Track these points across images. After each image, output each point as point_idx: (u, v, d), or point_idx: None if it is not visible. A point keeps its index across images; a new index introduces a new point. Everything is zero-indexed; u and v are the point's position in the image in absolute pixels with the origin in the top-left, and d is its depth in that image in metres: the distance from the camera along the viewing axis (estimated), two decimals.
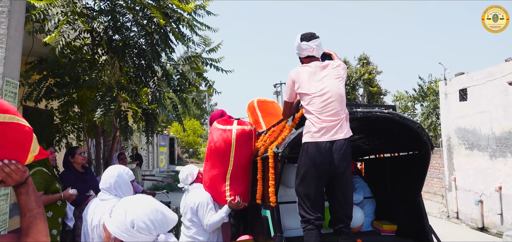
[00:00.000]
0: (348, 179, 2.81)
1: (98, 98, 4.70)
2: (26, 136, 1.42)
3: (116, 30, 5.30)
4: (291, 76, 2.92)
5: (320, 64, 2.90)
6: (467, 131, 10.68)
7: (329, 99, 2.74)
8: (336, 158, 2.69)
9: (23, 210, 1.45)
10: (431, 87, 19.12)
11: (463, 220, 10.87)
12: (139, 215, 1.38)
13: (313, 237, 2.76)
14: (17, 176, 1.40)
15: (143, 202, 1.45)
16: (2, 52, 2.53)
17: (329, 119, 2.71)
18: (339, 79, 2.85)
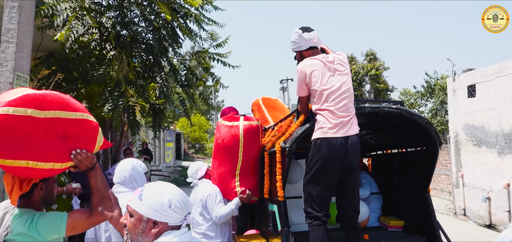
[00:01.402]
0: (358, 175, 2.83)
1: (106, 93, 4.74)
2: (93, 129, 1.77)
3: (124, 26, 5.33)
4: (303, 70, 2.83)
5: (326, 57, 2.86)
6: (475, 128, 10.59)
7: (343, 95, 2.73)
8: (350, 154, 2.68)
9: (93, 190, 1.85)
10: (438, 83, 18.97)
11: (470, 217, 10.80)
12: (174, 195, 1.45)
13: (320, 233, 2.75)
14: (87, 162, 1.78)
15: (172, 186, 1.54)
16: (13, 47, 2.56)
17: (343, 114, 2.69)
18: (348, 74, 2.83)
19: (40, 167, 1.68)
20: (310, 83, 2.81)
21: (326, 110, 2.72)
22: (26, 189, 1.82)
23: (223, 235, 3.48)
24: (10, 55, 2.54)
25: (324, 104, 2.73)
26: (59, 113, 1.67)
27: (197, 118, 33.01)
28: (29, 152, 1.59)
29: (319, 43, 2.97)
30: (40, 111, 1.63)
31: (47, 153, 1.68)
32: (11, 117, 1.58)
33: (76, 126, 1.72)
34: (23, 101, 1.61)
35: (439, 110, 18.47)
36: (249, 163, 3.46)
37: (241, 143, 3.38)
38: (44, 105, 1.65)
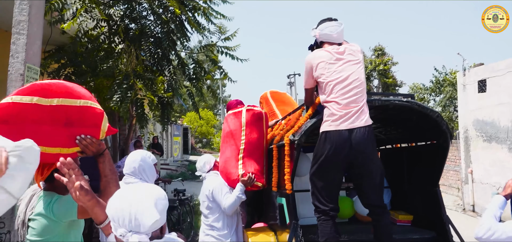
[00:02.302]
0: (372, 168, 2.71)
1: (115, 86, 4.76)
2: (97, 116, 1.85)
3: (133, 19, 5.35)
4: (310, 62, 2.82)
5: (337, 48, 2.82)
6: (486, 123, 10.47)
7: (350, 86, 2.68)
8: (355, 147, 2.62)
9: (101, 176, 1.92)
10: (447, 78, 18.77)
11: (479, 213, 10.70)
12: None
13: (328, 227, 2.73)
14: (93, 148, 1.85)
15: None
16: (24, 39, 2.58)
17: (350, 106, 2.65)
18: (359, 65, 2.77)
19: (48, 152, 1.79)
20: (316, 75, 2.78)
21: (332, 102, 2.69)
22: (47, 174, 1.97)
23: (229, 227, 3.50)
24: (21, 46, 2.57)
25: (330, 96, 2.70)
26: (63, 101, 1.78)
27: (204, 112, 33.11)
28: (37, 137, 1.66)
29: (340, 37, 2.89)
30: (45, 99, 1.75)
31: (53, 139, 1.80)
32: (19, 105, 1.72)
33: (80, 112, 1.81)
34: (30, 90, 1.75)
35: (448, 106, 18.29)
36: (252, 148, 3.50)
37: (244, 127, 3.46)
38: (49, 93, 1.76)
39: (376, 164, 2.77)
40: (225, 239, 3.44)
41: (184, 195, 7.52)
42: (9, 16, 2.92)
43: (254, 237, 3.39)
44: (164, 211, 1.39)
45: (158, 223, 1.34)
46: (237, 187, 3.40)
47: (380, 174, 2.79)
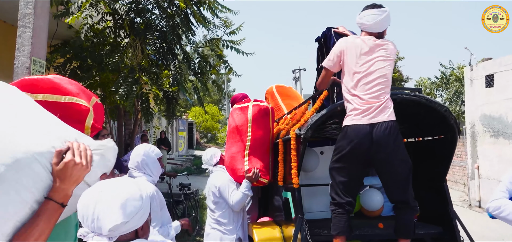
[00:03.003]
0: (395, 163, 2.67)
1: (120, 80, 4.76)
2: (82, 113, 1.81)
3: (138, 13, 5.34)
4: (341, 45, 2.77)
5: (374, 41, 2.77)
6: (493, 118, 10.37)
7: (374, 81, 2.66)
8: (377, 142, 2.60)
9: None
10: (454, 73, 18.61)
11: (486, 209, 10.63)
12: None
13: (342, 221, 2.73)
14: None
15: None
16: (29, 32, 2.58)
17: (372, 100, 2.64)
18: (389, 62, 2.74)
19: None
20: (343, 61, 2.75)
21: (355, 96, 2.68)
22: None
23: (235, 222, 3.51)
24: (27, 39, 2.57)
25: (354, 89, 2.68)
26: (48, 96, 1.77)
27: (209, 107, 33.14)
28: None
29: (378, 26, 2.81)
30: (32, 94, 1.74)
31: None
32: None
33: (65, 109, 1.79)
34: (19, 85, 1.73)
35: (454, 101, 18.14)
36: (258, 144, 3.49)
37: (250, 123, 3.44)
38: (35, 88, 1.76)
39: (401, 159, 2.70)
40: (231, 233, 3.45)
41: (190, 190, 7.55)
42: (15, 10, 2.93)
43: (260, 231, 3.39)
44: (136, 213, 1.26)
45: (123, 227, 1.22)
46: (243, 184, 3.40)
47: (406, 169, 2.73)
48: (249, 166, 3.43)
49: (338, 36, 3.28)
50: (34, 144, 1.23)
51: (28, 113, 1.39)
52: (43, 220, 1.23)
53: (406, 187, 2.75)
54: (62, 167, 1.24)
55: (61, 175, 1.25)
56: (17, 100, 1.45)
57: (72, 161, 1.25)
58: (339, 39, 3.24)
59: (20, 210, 1.18)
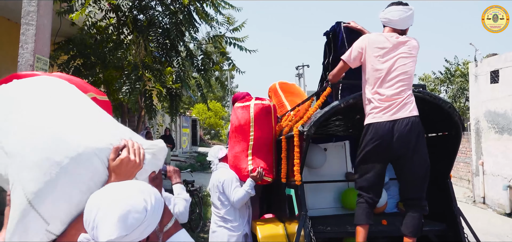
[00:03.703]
0: (415, 160, 2.67)
1: (123, 77, 4.77)
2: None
3: (141, 10, 5.34)
4: (363, 42, 2.77)
5: (397, 38, 2.77)
6: (498, 114, 10.30)
7: (396, 78, 2.67)
8: (398, 139, 2.61)
9: None
10: (459, 69, 18.49)
11: (490, 206, 10.59)
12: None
13: (362, 210, 2.80)
14: None
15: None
16: (33, 29, 2.59)
17: (393, 98, 2.64)
18: (412, 59, 2.74)
19: None
20: (364, 59, 2.75)
21: (376, 93, 2.69)
22: None
23: (242, 218, 3.51)
24: (30, 37, 2.57)
25: (374, 88, 2.69)
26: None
27: (213, 104, 33.14)
28: None
29: (403, 23, 2.83)
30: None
31: None
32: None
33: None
34: (6, 81, 1.68)
35: (458, 97, 18.04)
36: (261, 143, 3.48)
37: (252, 122, 3.43)
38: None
39: (421, 157, 2.69)
40: (237, 230, 3.46)
41: (193, 186, 7.57)
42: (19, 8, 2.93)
43: (263, 228, 3.39)
44: (137, 227, 1.15)
45: (120, 241, 1.12)
46: (247, 182, 3.40)
47: (424, 168, 2.73)
48: (253, 165, 3.42)
49: (348, 32, 3.26)
50: (94, 140, 1.29)
51: (86, 110, 1.45)
52: None
53: (422, 186, 2.75)
54: (118, 163, 1.30)
55: (116, 171, 1.30)
56: (75, 96, 1.51)
57: (127, 158, 1.32)
58: (349, 34, 3.23)
59: (80, 201, 1.23)
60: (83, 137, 1.28)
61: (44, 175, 1.18)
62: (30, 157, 1.21)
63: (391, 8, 2.86)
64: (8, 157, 1.25)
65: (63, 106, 1.40)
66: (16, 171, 1.21)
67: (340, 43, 3.29)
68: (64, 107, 1.40)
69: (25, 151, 1.22)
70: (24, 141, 1.24)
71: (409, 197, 2.77)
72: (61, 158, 1.21)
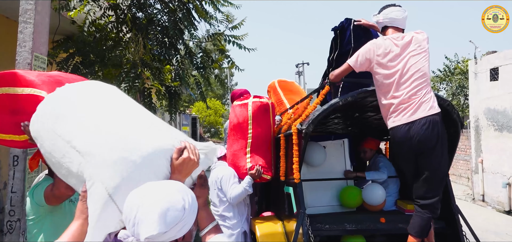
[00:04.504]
0: (432, 160, 2.65)
1: (122, 75, 4.76)
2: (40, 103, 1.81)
3: (140, 7, 5.32)
4: (370, 53, 2.76)
5: (402, 38, 2.76)
6: (497, 112, 10.30)
7: (410, 79, 2.65)
8: (417, 140, 2.60)
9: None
10: (458, 66, 18.48)
11: (489, 203, 10.60)
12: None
13: (415, 220, 2.78)
14: None
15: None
16: (31, 27, 2.58)
17: (411, 99, 2.64)
18: (423, 54, 2.72)
19: (3, 138, 1.93)
20: (373, 66, 2.76)
21: (393, 98, 2.69)
22: (33, 163, 2.13)
23: (240, 216, 3.51)
24: (28, 35, 2.57)
25: (390, 93, 2.70)
26: (7, 89, 1.85)
27: (212, 102, 33.13)
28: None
29: (404, 23, 2.89)
30: None
31: (4, 126, 1.91)
32: None
33: (24, 101, 1.84)
34: (8, 76, 1.84)
35: (458, 94, 18.03)
36: (260, 141, 3.48)
37: (251, 120, 3.43)
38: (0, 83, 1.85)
39: (438, 156, 2.67)
40: (236, 228, 3.46)
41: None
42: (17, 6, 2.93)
43: (262, 226, 3.39)
44: (176, 224, 1.21)
45: (160, 237, 1.18)
46: (245, 179, 3.40)
47: (440, 169, 2.70)
48: (251, 163, 3.43)
49: (356, 30, 3.24)
50: (159, 142, 1.47)
51: (142, 113, 1.64)
52: None
53: (436, 187, 2.72)
54: (181, 162, 1.45)
55: (178, 168, 1.45)
56: (128, 100, 1.69)
57: (188, 158, 1.47)
58: (357, 32, 3.22)
59: None
60: (150, 139, 1.46)
61: (121, 172, 1.34)
62: (109, 157, 1.36)
63: (391, 9, 2.87)
64: (81, 156, 1.41)
65: (124, 109, 1.58)
66: (95, 169, 1.36)
67: (347, 40, 3.28)
68: (125, 110, 1.59)
69: (102, 151, 1.38)
70: (99, 142, 1.40)
71: (422, 197, 2.74)
72: (136, 158, 1.37)
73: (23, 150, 2.80)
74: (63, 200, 2.07)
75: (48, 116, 1.55)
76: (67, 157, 1.45)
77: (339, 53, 3.34)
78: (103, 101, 1.59)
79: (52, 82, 1.89)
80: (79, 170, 1.42)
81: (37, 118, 1.61)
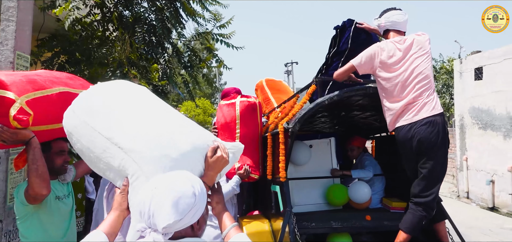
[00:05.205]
0: (432, 159, 2.69)
1: (109, 73, 4.72)
2: (5, 105, 1.86)
3: (126, 6, 5.28)
4: (373, 57, 2.79)
5: (404, 42, 2.80)
6: (481, 111, 10.50)
7: (414, 81, 2.69)
8: (417, 139, 2.65)
9: (28, 164, 2.01)
10: (444, 66, 18.78)
11: (474, 200, 10.81)
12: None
13: (410, 219, 2.81)
14: (5, 136, 1.92)
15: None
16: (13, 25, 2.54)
17: (412, 100, 2.68)
18: (425, 56, 2.76)
19: None
20: (377, 70, 2.79)
21: (397, 101, 2.73)
22: (19, 162, 2.16)
23: None
24: (10, 33, 2.53)
25: (394, 96, 2.74)
26: None
27: (201, 101, 32.98)
28: None
29: (405, 26, 2.94)
30: None
31: None
32: None
33: None
34: None
35: (443, 93, 18.31)
36: (247, 140, 3.48)
37: (238, 120, 3.43)
38: None
39: (438, 156, 2.71)
40: None
41: None
42: None
43: (248, 225, 3.40)
44: (189, 211, 1.29)
45: (176, 225, 1.27)
46: (233, 178, 3.40)
47: (438, 168, 2.75)
48: (239, 163, 3.43)
49: (356, 32, 3.27)
50: (195, 140, 1.60)
51: (175, 112, 1.74)
52: None
53: (433, 186, 2.76)
54: (215, 160, 1.60)
55: (212, 165, 1.60)
56: (159, 100, 1.78)
57: (221, 156, 1.62)
58: (356, 34, 3.25)
59: None
60: (187, 137, 1.58)
61: (163, 168, 1.45)
62: (151, 153, 1.48)
63: (393, 12, 2.92)
64: (124, 152, 1.50)
65: (158, 108, 1.69)
66: (138, 164, 1.47)
67: (344, 40, 3.32)
68: (159, 108, 1.69)
69: (145, 148, 1.49)
70: (141, 140, 1.51)
71: (417, 195, 2.78)
72: (176, 155, 1.49)
73: (5, 150, 2.75)
74: (40, 200, 2.09)
75: (85, 113, 1.62)
76: (108, 152, 1.53)
77: (335, 52, 3.39)
78: (137, 99, 1.68)
79: (24, 82, 1.90)
80: (121, 165, 1.51)
81: (73, 114, 1.66)
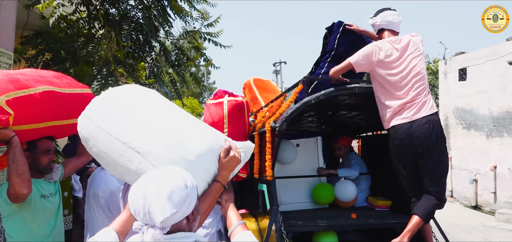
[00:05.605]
0: (435, 158, 2.75)
1: (95, 72, 4.66)
2: None
3: (113, 3, 5.22)
4: (371, 56, 2.82)
5: (399, 41, 2.84)
6: (465, 111, 10.70)
7: (412, 80, 2.74)
8: (417, 137, 2.68)
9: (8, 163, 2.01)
10: (429, 67, 19.08)
11: (457, 199, 11.00)
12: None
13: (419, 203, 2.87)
14: None
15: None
16: None
17: (414, 99, 2.72)
18: (420, 57, 2.82)
19: None
20: (374, 69, 2.82)
21: (395, 100, 2.76)
22: (4, 160, 2.15)
23: (215, 214, 3.51)
24: None
25: (392, 95, 2.77)
26: None
27: (189, 100, 32.80)
28: None
29: (399, 26, 2.98)
30: None
31: None
32: None
33: None
34: None
35: None
36: (235, 139, 3.46)
37: (226, 119, 3.43)
38: None
39: (439, 153, 2.77)
40: (211, 226, 3.45)
41: None
42: None
43: None
44: (183, 202, 1.30)
45: (173, 218, 1.27)
46: None
47: (442, 164, 2.81)
48: None
49: (344, 33, 3.30)
50: (209, 142, 1.67)
51: (187, 115, 1.80)
52: (211, 197, 1.68)
53: (440, 182, 2.85)
54: (228, 160, 1.69)
55: (226, 165, 1.69)
56: (171, 103, 1.83)
57: (234, 156, 1.71)
58: (345, 36, 3.29)
59: (202, 187, 1.62)
60: (202, 139, 1.65)
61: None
62: (168, 156, 1.53)
63: (388, 12, 2.97)
64: (141, 156, 1.55)
65: (170, 111, 1.74)
66: (156, 167, 1.51)
67: (331, 41, 3.36)
68: (171, 112, 1.74)
69: (162, 151, 1.54)
70: (158, 143, 1.56)
71: (427, 191, 2.85)
72: (192, 157, 1.57)
73: None
74: (21, 199, 2.08)
75: (100, 118, 1.64)
76: (125, 156, 1.57)
77: (322, 52, 3.43)
78: (150, 103, 1.73)
79: (6, 81, 1.89)
80: (139, 168, 1.55)
81: (87, 119, 1.67)
